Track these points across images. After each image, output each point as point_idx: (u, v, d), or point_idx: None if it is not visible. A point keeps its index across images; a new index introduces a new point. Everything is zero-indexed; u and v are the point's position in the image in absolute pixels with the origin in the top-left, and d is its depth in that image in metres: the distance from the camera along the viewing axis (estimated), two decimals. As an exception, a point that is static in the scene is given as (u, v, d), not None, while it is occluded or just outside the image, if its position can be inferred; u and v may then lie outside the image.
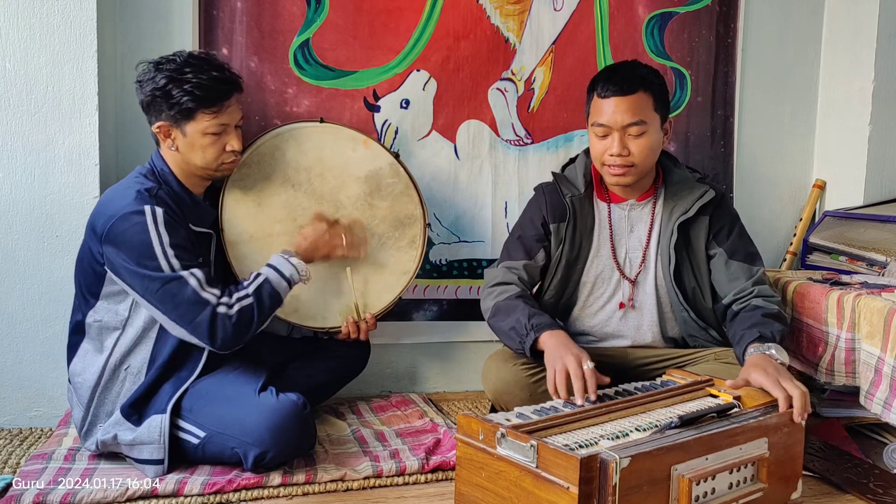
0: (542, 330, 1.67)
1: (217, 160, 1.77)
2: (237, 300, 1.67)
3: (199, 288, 1.63)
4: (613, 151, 1.77)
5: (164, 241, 1.62)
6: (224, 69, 1.76)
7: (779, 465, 1.43)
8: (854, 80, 2.57)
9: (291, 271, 1.76)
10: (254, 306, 1.68)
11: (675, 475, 1.25)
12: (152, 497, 1.56)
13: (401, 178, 2.06)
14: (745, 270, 1.83)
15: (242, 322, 1.66)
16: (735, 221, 1.91)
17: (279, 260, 1.78)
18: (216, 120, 1.73)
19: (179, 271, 1.62)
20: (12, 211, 1.94)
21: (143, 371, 1.70)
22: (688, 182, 1.89)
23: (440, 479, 1.71)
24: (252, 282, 1.72)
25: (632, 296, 1.89)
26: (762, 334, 1.64)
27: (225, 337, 1.64)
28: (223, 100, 1.73)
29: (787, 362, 1.61)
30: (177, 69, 1.70)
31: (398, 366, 2.41)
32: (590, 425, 1.39)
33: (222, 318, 1.63)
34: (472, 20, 2.32)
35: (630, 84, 1.76)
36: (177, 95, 1.68)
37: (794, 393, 1.47)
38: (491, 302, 1.84)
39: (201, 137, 1.73)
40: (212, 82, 1.71)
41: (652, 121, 1.78)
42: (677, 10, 2.51)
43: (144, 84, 1.72)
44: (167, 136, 1.73)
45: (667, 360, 1.88)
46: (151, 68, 1.72)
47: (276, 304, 1.74)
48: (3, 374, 1.98)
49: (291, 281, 1.76)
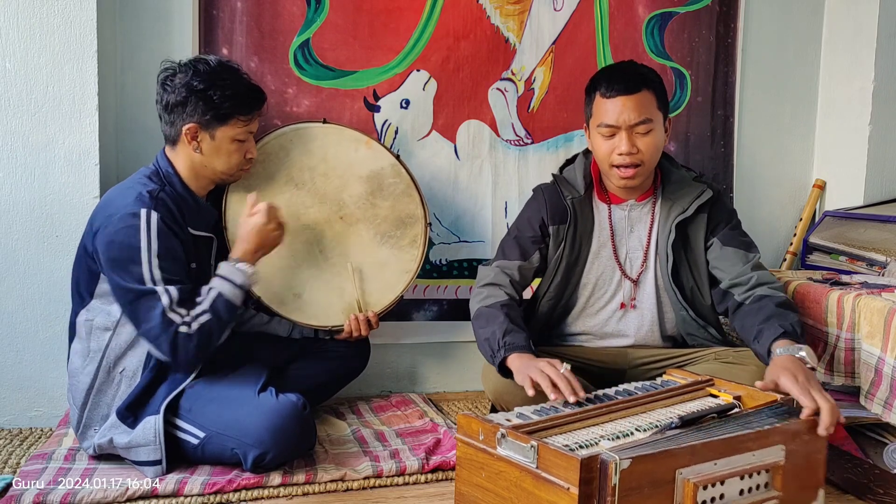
0: (513, 350, 1.65)
1: (238, 166, 1.81)
2: (194, 318, 1.65)
3: (168, 307, 1.62)
4: (623, 150, 1.76)
5: (152, 250, 1.62)
6: (252, 81, 1.83)
7: (797, 473, 1.38)
8: (854, 80, 2.57)
9: (243, 279, 1.74)
10: (212, 321, 1.67)
11: (680, 479, 1.24)
12: (152, 497, 1.56)
13: (402, 179, 2.07)
14: (741, 256, 1.82)
15: (202, 338, 1.65)
16: (732, 216, 1.91)
17: (228, 269, 1.74)
18: (246, 127, 1.78)
19: (156, 286, 1.62)
20: (12, 211, 1.94)
21: (138, 373, 1.70)
22: (685, 181, 1.90)
23: (440, 479, 1.71)
24: (206, 296, 1.69)
25: (633, 296, 1.90)
26: (785, 329, 1.60)
27: (186, 355, 1.64)
28: (257, 108, 1.80)
29: (816, 366, 1.55)
30: (214, 74, 1.73)
31: (398, 366, 2.41)
32: (590, 425, 1.39)
33: (183, 337, 1.63)
34: (472, 20, 2.32)
35: (634, 83, 1.76)
36: (217, 100, 1.71)
37: (824, 406, 1.40)
38: (476, 304, 1.83)
39: (229, 143, 1.77)
40: (248, 90, 1.78)
41: (657, 119, 1.79)
42: (677, 10, 2.51)
43: (176, 85, 1.72)
44: (193, 138, 1.74)
45: (667, 360, 1.88)
46: (187, 70, 1.73)
47: (233, 314, 1.72)
48: (3, 374, 1.98)
49: (244, 287, 1.74)
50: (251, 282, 1.76)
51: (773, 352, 1.58)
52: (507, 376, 1.67)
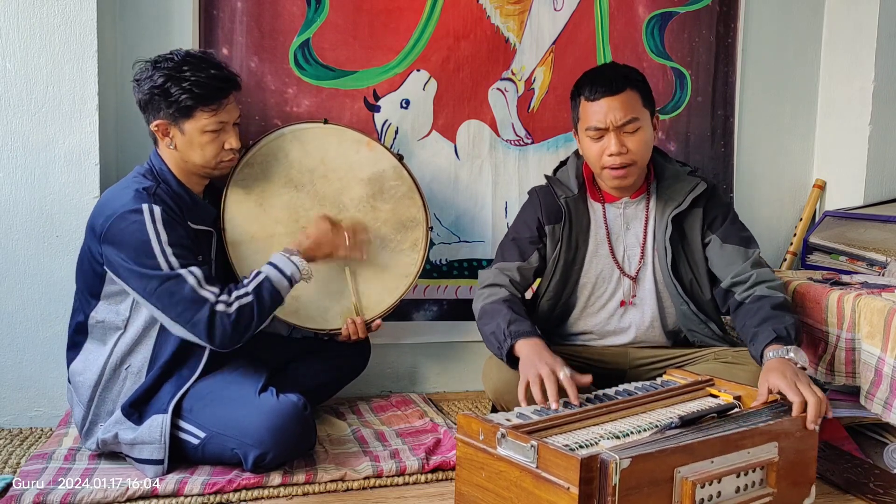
0: (519, 337, 1.66)
1: (216, 158, 1.77)
2: (236, 298, 1.66)
3: (198, 286, 1.62)
4: (612, 150, 1.77)
5: (162, 240, 1.62)
6: (222, 67, 1.76)
7: (790, 470, 1.41)
8: (854, 80, 2.57)
9: (293, 270, 1.75)
10: (253, 305, 1.67)
11: (678, 477, 1.24)
12: (152, 497, 1.56)
13: (404, 181, 2.05)
14: (741, 253, 1.83)
15: (242, 320, 1.65)
16: (728, 209, 1.91)
17: (280, 258, 1.77)
18: (215, 118, 1.73)
19: (178, 269, 1.62)
20: (12, 211, 1.94)
21: (143, 370, 1.70)
22: (679, 176, 1.90)
23: (440, 479, 1.71)
24: (252, 280, 1.71)
25: (633, 293, 1.90)
26: (778, 333, 1.62)
27: (224, 335, 1.64)
28: (221, 97, 1.73)
29: (806, 366, 1.56)
30: (175, 67, 1.69)
31: (398, 366, 2.41)
32: (590, 425, 1.39)
33: (221, 316, 1.63)
34: (472, 20, 2.32)
35: (618, 83, 1.77)
36: (175, 93, 1.68)
37: (811, 399, 1.43)
38: (479, 304, 1.85)
39: (200, 135, 1.73)
40: (210, 80, 1.71)
41: (643, 116, 1.79)
42: (677, 10, 2.51)
43: (142, 83, 1.71)
44: (165, 135, 1.73)
45: (667, 359, 1.88)
46: (149, 67, 1.72)
47: (276, 302, 1.73)
48: (3, 374, 1.98)
49: (293, 279, 1.75)
50: (301, 275, 1.77)
51: (765, 355, 1.61)
52: (515, 366, 1.67)
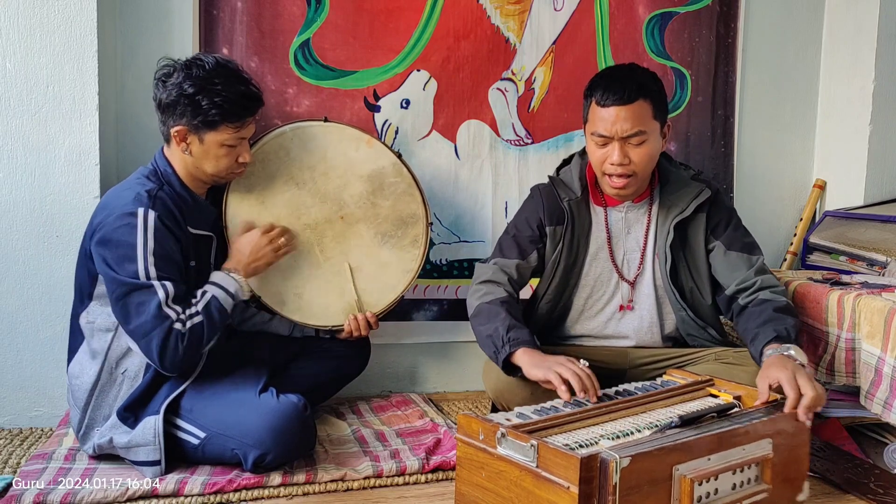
0: (519, 346, 1.66)
1: (227, 170, 1.78)
2: (189, 317, 1.65)
3: (164, 302, 1.61)
4: (614, 160, 1.76)
5: (148, 247, 1.62)
6: (250, 84, 1.77)
7: (784, 467, 1.43)
8: (854, 80, 2.57)
9: (236, 287, 1.76)
10: (204, 324, 1.66)
11: (677, 475, 1.25)
12: (152, 497, 1.56)
13: (403, 178, 2.06)
14: (745, 260, 1.82)
15: (193, 340, 1.64)
16: (732, 215, 1.90)
17: (222, 277, 1.75)
18: (237, 134, 1.74)
19: (152, 280, 1.61)
20: (12, 211, 1.94)
21: (140, 374, 1.70)
22: (683, 181, 1.89)
23: (440, 479, 1.71)
24: (201, 299, 1.69)
25: (631, 297, 1.89)
26: (778, 333, 1.62)
27: (175, 356, 1.62)
28: (247, 116, 1.75)
29: (805, 364, 1.57)
30: (206, 78, 1.68)
31: (398, 366, 2.41)
32: (590, 425, 1.39)
33: (176, 335, 1.62)
34: (472, 20, 2.32)
35: (630, 93, 1.73)
36: (205, 106, 1.68)
37: (808, 392, 1.43)
38: (475, 301, 1.83)
39: (218, 148, 1.73)
40: (240, 98, 1.72)
41: (651, 129, 1.77)
42: (678, 10, 2.51)
43: (169, 85, 1.70)
44: (182, 140, 1.73)
45: (667, 360, 1.88)
46: (180, 71, 1.70)
47: (224, 319, 1.72)
48: (3, 374, 1.98)
49: (236, 297, 1.75)
50: (242, 293, 1.78)
51: (765, 353, 1.61)
52: (510, 373, 1.67)
